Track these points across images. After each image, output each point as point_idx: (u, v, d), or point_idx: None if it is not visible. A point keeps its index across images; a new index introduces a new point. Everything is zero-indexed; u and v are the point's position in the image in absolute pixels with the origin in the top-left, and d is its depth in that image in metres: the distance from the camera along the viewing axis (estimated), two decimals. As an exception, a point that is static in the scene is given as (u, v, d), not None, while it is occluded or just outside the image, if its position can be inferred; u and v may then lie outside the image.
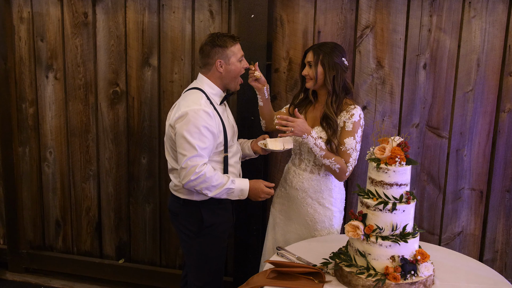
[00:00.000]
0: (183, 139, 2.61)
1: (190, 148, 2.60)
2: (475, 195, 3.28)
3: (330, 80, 2.76)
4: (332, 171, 2.77)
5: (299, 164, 2.93)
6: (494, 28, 3.05)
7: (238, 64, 2.78)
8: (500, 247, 3.33)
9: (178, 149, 2.66)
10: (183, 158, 2.62)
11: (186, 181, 2.63)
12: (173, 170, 2.82)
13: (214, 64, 2.74)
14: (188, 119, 2.60)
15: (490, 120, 3.16)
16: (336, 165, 2.73)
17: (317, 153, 2.74)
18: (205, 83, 2.79)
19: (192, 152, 2.60)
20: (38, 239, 4.17)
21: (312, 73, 2.79)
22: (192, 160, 2.60)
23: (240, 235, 3.55)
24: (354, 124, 2.74)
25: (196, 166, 2.60)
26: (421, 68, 3.17)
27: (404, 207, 2.27)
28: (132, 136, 3.76)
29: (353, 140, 2.75)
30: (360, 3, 3.18)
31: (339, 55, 2.78)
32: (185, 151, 2.61)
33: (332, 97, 2.78)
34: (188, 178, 2.61)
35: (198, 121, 2.61)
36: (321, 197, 2.89)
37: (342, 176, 2.78)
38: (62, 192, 4.02)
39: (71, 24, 3.72)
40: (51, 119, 3.90)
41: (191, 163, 2.60)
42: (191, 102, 2.66)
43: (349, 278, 2.29)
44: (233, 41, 2.75)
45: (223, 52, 2.73)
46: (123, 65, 3.67)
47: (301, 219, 2.96)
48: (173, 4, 3.49)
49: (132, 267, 3.95)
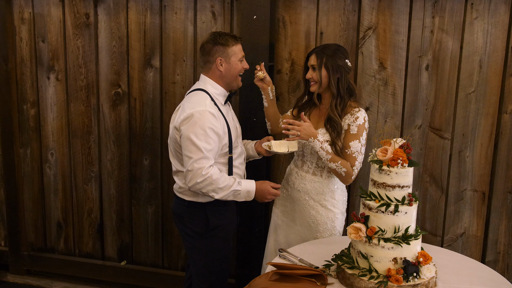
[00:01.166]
0: (189, 141, 2.64)
1: (196, 151, 2.63)
2: (477, 196, 3.31)
3: (334, 83, 2.79)
4: (338, 175, 2.81)
5: (302, 166, 2.98)
6: (496, 29, 3.08)
7: (239, 64, 2.81)
8: (502, 249, 3.36)
9: (184, 152, 2.68)
10: (189, 160, 2.65)
11: (193, 183, 2.65)
12: (177, 173, 2.85)
13: (214, 62, 2.78)
14: (194, 121, 2.63)
15: (492, 121, 3.20)
16: (343, 169, 2.77)
17: (323, 157, 2.78)
18: (208, 84, 2.82)
19: (198, 154, 2.63)
20: (39, 241, 4.21)
21: (316, 77, 2.82)
22: (198, 162, 2.63)
23: (242, 237, 3.58)
24: (359, 127, 2.78)
25: (203, 168, 2.63)
26: (423, 69, 3.21)
27: (407, 209, 2.29)
28: (134, 137, 3.80)
29: (358, 143, 2.79)
30: (363, 4, 3.22)
31: (342, 57, 2.81)
32: (191, 154, 2.64)
33: (336, 100, 2.82)
34: (195, 180, 2.64)
35: (204, 123, 2.63)
36: (323, 199, 2.93)
37: (348, 179, 2.82)
38: (63, 193, 4.06)
39: (73, 25, 3.76)
40: (52, 120, 3.94)
41: (197, 166, 2.63)
42: (196, 104, 2.69)
43: (351, 280, 2.31)
44: (234, 40, 2.79)
45: (224, 50, 2.76)
46: (125, 66, 3.71)
47: (303, 221, 2.99)
48: (175, 5, 3.53)
49: (134, 269, 3.98)
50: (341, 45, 2.94)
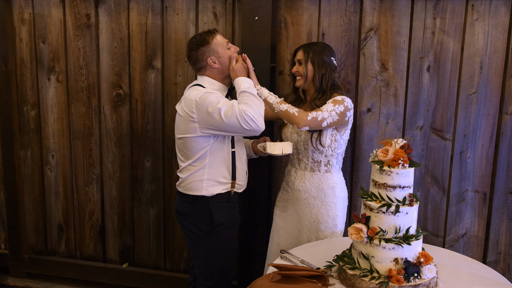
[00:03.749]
0: (210, 114, 2.73)
1: (220, 108, 2.71)
2: (478, 197, 3.39)
3: (318, 77, 2.94)
4: (290, 115, 2.82)
5: (299, 164, 3.07)
6: (497, 30, 3.16)
7: (227, 52, 2.91)
8: (503, 249, 3.43)
9: (215, 125, 2.75)
10: (225, 117, 2.71)
11: (244, 128, 2.72)
12: (183, 169, 2.94)
13: (207, 64, 2.89)
14: (202, 102, 2.74)
15: (493, 122, 3.27)
16: (294, 109, 2.83)
17: (273, 101, 2.86)
18: (205, 81, 2.93)
19: (227, 104, 2.73)
20: (40, 243, 4.25)
21: (302, 70, 2.96)
22: (238, 107, 2.71)
23: (244, 238, 3.63)
24: (334, 101, 2.88)
25: (236, 112, 2.70)
26: (425, 70, 3.29)
27: (407, 210, 2.33)
28: (135, 139, 3.84)
29: (332, 106, 2.86)
30: (364, 6, 3.29)
31: (329, 54, 2.97)
32: (222, 115, 2.71)
33: (318, 93, 2.95)
34: (243, 126, 2.70)
35: (210, 97, 2.75)
36: (323, 195, 3.01)
37: (300, 120, 2.81)
38: (64, 195, 4.11)
39: (73, 25, 3.80)
40: (53, 122, 3.99)
41: (239, 111, 2.69)
42: (197, 92, 2.81)
43: (353, 281, 2.34)
44: (211, 34, 2.90)
45: (208, 48, 2.87)
46: (126, 68, 3.76)
47: (304, 221, 3.07)
48: (177, 6, 3.58)
49: (136, 271, 4.02)
50: (329, 44, 3.10)
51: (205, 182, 2.91)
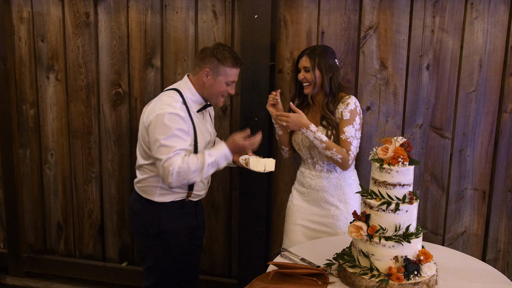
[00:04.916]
0: (157, 143, 2.69)
1: (165, 150, 2.67)
2: (478, 195, 3.41)
3: (327, 82, 2.96)
4: (335, 162, 2.94)
5: (314, 167, 3.10)
6: (496, 29, 3.18)
7: (224, 86, 2.85)
8: (503, 247, 3.46)
9: (153, 154, 2.73)
10: (160, 162, 2.69)
11: (169, 183, 2.70)
12: (140, 167, 2.93)
13: (201, 71, 2.83)
14: (162, 123, 2.68)
15: (492, 120, 3.29)
16: (338, 155, 2.90)
17: (318, 146, 2.91)
18: (187, 88, 2.87)
19: (166, 154, 2.67)
20: (39, 242, 4.27)
21: (310, 77, 2.97)
22: (167, 162, 2.67)
23: (244, 237, 3.65)
24: (351, 112, 2.94)
25: (170, 166, 2.67)
26: (424, 68, 3.31)
27: (407, 207, 2.33)
28: (135, 137, 3.85)
29: (352, 128, 2.93)
30: (364, 4, 3.31)
31: (332, 57, 3.00)
32: (161, 155, 2.68)
33: (329, 98, 2.99)
34: (169, 181, 2.69)
35: (172, 124, 2.68)
36: (341, 193, 3.06)
37: (345, 165, 2.95)
38: (63, 194, 4.12)
39: (73, 24, 3.82)
40: (52, 121, 4.00)
41: (166, 165, 2.67)
42: (166, 105, 2.74)
43: (353, 278, 2.35)
44: (233, 62, 2.82)
45: (217, 66, 2.81)
46: (126, 66, 3.78)
47: (323, 220, 3.09)
48: (176, 4, 3.59)
49: (136, 270, 4.03)
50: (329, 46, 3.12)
51: (158, 189, 2.89)
